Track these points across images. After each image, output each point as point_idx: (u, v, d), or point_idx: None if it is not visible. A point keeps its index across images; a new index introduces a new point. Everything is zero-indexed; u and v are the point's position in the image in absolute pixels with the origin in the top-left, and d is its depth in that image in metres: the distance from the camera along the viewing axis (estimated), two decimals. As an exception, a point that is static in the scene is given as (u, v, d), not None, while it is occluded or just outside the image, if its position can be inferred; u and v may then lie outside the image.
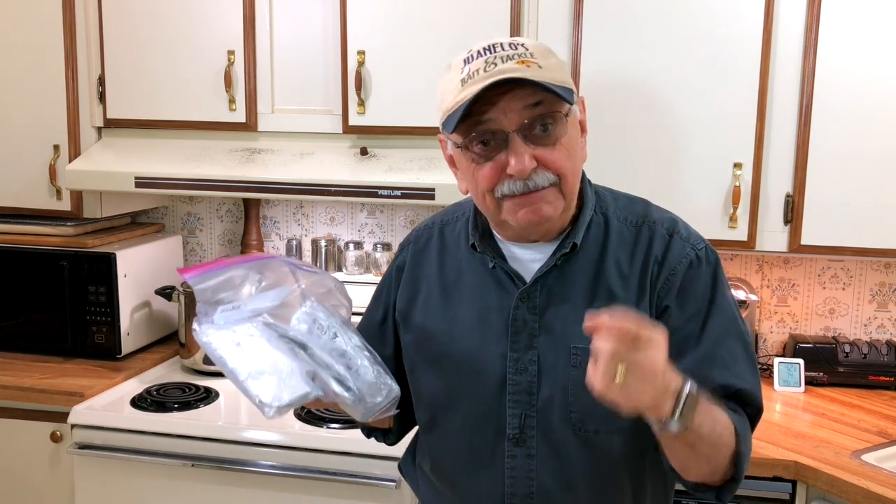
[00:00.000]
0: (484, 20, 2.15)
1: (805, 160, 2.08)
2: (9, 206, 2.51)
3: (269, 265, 1.24)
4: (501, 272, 1.29)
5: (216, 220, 2.83)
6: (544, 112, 1.17)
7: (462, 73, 1.18)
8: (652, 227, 1.29)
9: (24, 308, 2.49)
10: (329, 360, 1.19)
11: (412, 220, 2.66)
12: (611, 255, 1.27)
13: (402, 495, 1.90)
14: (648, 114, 2.13)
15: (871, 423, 2.05)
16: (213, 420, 2.07)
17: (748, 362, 1.25)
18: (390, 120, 2.23)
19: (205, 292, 1.18)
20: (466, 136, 1.19)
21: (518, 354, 1.26)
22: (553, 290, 1.26)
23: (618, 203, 1.33)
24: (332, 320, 1.24)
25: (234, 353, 1.17)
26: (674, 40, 2.08)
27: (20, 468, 2.24)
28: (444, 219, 1.42)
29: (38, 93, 2.42)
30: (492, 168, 1.19)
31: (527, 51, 1.18)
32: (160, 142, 2.40)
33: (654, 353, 1.01)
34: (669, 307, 1.24)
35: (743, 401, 1.23)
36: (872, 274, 2.43)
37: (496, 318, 1.28)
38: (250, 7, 2.29)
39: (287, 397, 1.15)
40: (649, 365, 1.01)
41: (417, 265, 1.40)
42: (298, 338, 1.20)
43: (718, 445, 1.15)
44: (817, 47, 2.03)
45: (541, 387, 1.25)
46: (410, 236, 1.46)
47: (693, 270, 1.25)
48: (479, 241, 1.31)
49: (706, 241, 1.30)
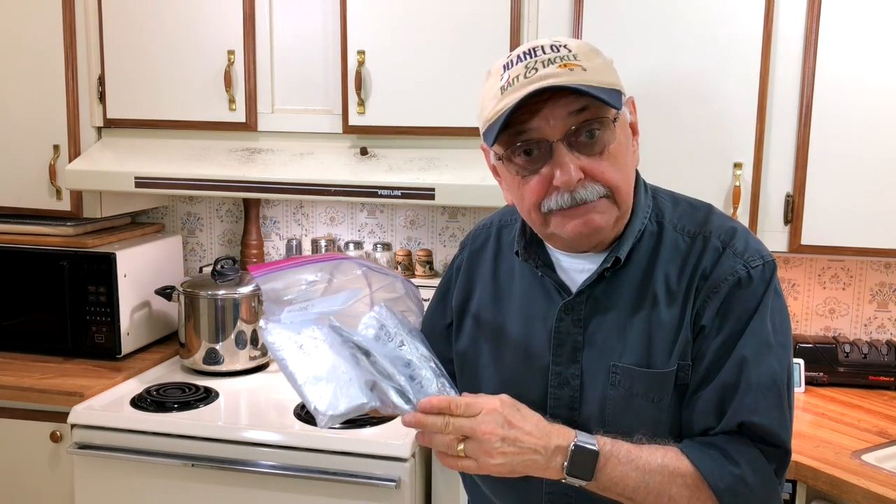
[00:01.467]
0: (484, 20, 2.15)
1: (805, 160, 2.08)
2: (9, 206, 2.51)
3: (340, 266, 1.22)
4: (549, 281, 1.24)
5: (216, 220, 2.83)
6: (590, 118, 1.10)
7: (502, 81, 1.12)
8: (707, 238, 1.19)
9: (24, 308, 2.49)
10: (391, 370, 1.17)
11: (412, 220, 2.66)
12: (660, 267, 1.19)
13: (402, 495, 1.90)
14: (648, 113, 2.11)
15: (871, 423, 2.05)
16: (213, 420, 2.07)
17: (771, 394, 1.13)
18: (390, 120, 2.23)
19: (272, 292, 1.16)
20: (508, 147, 1.13)
21: (560, 368, 1.21)
22: (599, 303, 1.20)
23: (677, 210, 1.24)
24: (400, 327, 1.22)
25: (295, 355, 1.14)
26: (674, 40, 2.08)
27: (20, 468, 2.24)
28: (503, 219, 1.37)
29: (38, 93, 2.42)
30: (538, 182, 1.13)
31: (570, 52, 1.11)
32: (160, 142, 2.40)
33: (479, 419, 1.07)
34: (706, 327, 1.15)
35: (757, 437, 1.13)
36: (872, 274, 2.43)
37: (540, 329, 1.24)
38: (250, 7, 2.29)
39: (343, 406, 1.11)
40: (479, 430, 1.06)
41: (473, 266, 1.36)
42: (363, 344, 1.18)
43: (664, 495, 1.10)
44: (817, 47, 2.03)
45: (583, 402, 1.20)
46: (469, 236, 1.41)
47: (740, 290, 1.15)
48: (525, 248, 1.26)
49: (767, 258, 1.18)
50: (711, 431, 1.15)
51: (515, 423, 1.09)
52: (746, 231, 1.21)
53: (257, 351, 2.43)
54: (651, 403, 1.16)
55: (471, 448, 1.08)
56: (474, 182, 2.10)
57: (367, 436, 1.95)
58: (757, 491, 1.13)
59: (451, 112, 2.18)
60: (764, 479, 1.13)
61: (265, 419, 2.11)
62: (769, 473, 1.13)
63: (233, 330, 2.39)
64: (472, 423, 1.07)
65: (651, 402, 1.16)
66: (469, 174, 2.12)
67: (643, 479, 1.10)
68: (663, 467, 1.11)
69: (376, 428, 1.98)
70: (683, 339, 1.16)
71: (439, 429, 1.08)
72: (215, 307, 2.38)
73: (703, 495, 1.11)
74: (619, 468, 1.10)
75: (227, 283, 2.41)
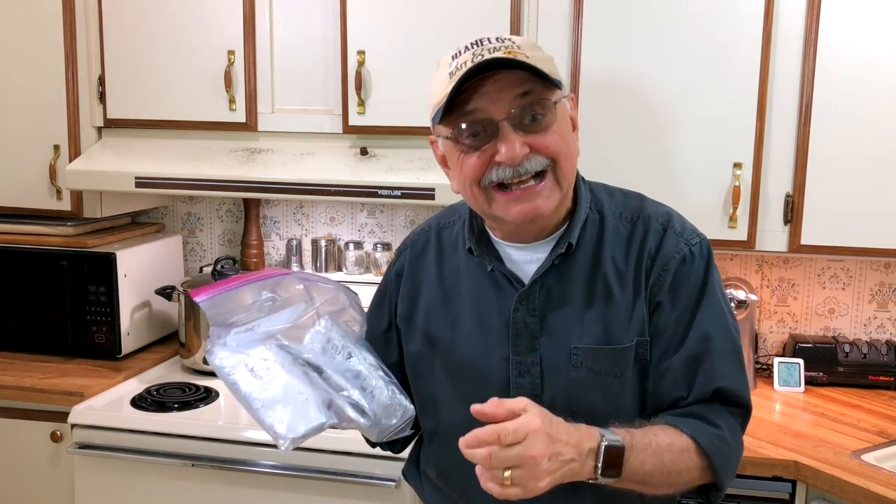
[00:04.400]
0: (484, 20, 2.15)
1: (805, 160, 2.08)
2: (9, 206, 2.51)
3: (282, 283, 1.21)
4: (500, 275, 1.28)
5: (216, 220, 2.83)
6: (534, 101, 1.16)
7: (450, 68, 1.18)
8: (647, 222, 1.27)
9: (24, 308, 2.49)
10: (344, 384, 1.17)
11: (412, 220, 2.66)
12: (607, 252, 1.26)
13: (402, 495, 1.90)
14: (648, 113, 2.13)
15: (871, 423, 2.05)
16: (213, 420, 2.07)
17: (734, 359, 1.24)
18: (390, 120, 2.23)
19: (217, 315, 1.16)
20: (454, 126, 1.18)
21: (520, 357, 1.25)
22: (552, 291, 1.25)
23: (613, 199, 1.31)
24: (347, 339, 1.22)
25: (247, 379, 1.14)
26: (674, 40, 2.08)
27: (20, 468, 2.24)
28: (441, 222, 1.41)
29: (38, 93, 2.42)
30: (479, 157, 1.18)
31: (513, 43, 1.17)
32: (160, 142, 2.40)
33: (527, 444, 1.01)
34: (661, 303, 1.24)
35: (726, 399, 1.23)
36: (872, 274, 2.43)
37: (497, 322, 1.27)
38: (250, 7, 2.29)
39: (302, 429, 1.11)
40: (528, 456, 1.02)
41: (416, 270, 1.38)
42: (312, 360, 1.18)
43: (674, 472, 1.16)
44: (817, 47, 2.03)
45: (544, 388, 1.24)
46: (407, 240, 1.44)
47: (686, 266, 1.24)
48: (476, 244, 1.30)
49: (701, 236, 1.29)
50: (684, 402, 1.23)
51: (555, 437, 1.06)
52: (679, 214, 1.31)
53: (257, 351, 2.43)
54: (615, 379, 1.23)
55: (518, 475, 1.03)
56: (474, 182, 2.10)
57: (367, 436, 1.95)
58: (734, 447, 1.23)
59: (451, 112, 2.18)
60: (736, 436, 1.24)
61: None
62: (739, 429, 1.25)
63: (233, 330, 2.39)
64: (519, 451, 1.02)
65: (615, 378, 1.23)
66: (469, 174, 2.12)
67: (658, 462, 1.14)
68: (671, 445, 1.16)
69: (376, 428, 1.98)
70: (639, 316, 1.23)
71: (482, 462, 1.02)
72: (215, 307, 2.37)
73: (701, 463, 1.18)
74: (639, 456, 1.12)
75: (227, 283, 2.41)
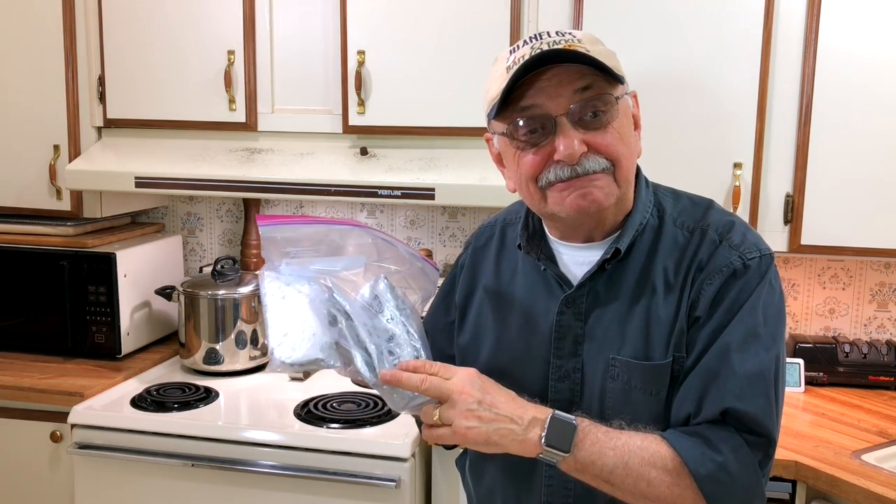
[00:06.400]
0: (484, 20, 2.15)
1: (805, 160, 2.08)
2: (9, 206, 2.51)
3: (352, 233, 1.23)
4: (551, 275, 1.24)
5: (216, 220, 2.83)
6: (594, 96, 1.11)
7: (508, 62, 1.14)
8: (704, 232, 1.18)
9: (24, 308, 2.49)
10: (366, 338, 1.17)
11: (412, 220, 2.66)
12: (660, 261, 1.18)
13: (402, 495, 1.90)
14: (648, 113, 2.11)
15: (871, 423, 2.05)
16: (213, 420, 2.07)
17: (757, 383, 1.10)
18: (390, 120, 2.23)
19: (272, 241, 1.19)
20: (511, 122, 1.14)
21: (561, 361, 1.21)
22: (599, 296, 1.20)
23: (677, 205, 1.24)
24: (396, 303, 1.22)
25: (276, 305, 1.17)
26: (674, 40, 2.08)
27: (20, 468, 2.24)
28: (507, 217, 1.38)
29: (38, 93, 2.42)
30: (536, 154, 1.13)
31: (573, 37, 1.13)
32: (160, 142, 2.40)
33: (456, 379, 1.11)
34: (700, 318, 1.14)
35: (739, 423, 1.10)
36: (872, 274, 2.43)
37: (542, 323, 1.24)
38: (250, 7, 2.29)
39: (297, 356, 1.15)
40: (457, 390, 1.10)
41: (476, 264, 1.37)
42: (347, 308, 1.18)
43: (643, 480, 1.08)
44: (817, 48, 2.03)
45: (583, 396, 1.20)
46: (473, 234, 1.43)
47: (735, 280, 1.14)
48: (528, 241, 1.27)
49: (764, 251, 1.17)
50: (694, 420, 1.13)
51: (490, 390, 1.12)
52: (745, 225, 1.21)
53: (257, 351, 2.43)
54: (650, 396, 1.16)
55: (446, 412, 1.10)
56: (474, 182, 2.10)
57: (367, 436, 1.95)
58: (739, 480, 1.09)
59: (450, 112, 2.18)
60: (747, 468, 1.10)
61: (265, 419, 2.11)
62: (752, 463, 1.10)
63: (233, 330, 2.39)
64: (448, 384, 1.11)
65: (650, 395, 1.16)
66: (469, 174, 2.12)
67: (622, 460, 1.09)
68: (642, 449, 1.09)
69: (376, 428, 1.98)
70: (679, 331, 1.15)
71: (416, 386, 1.11)
72: (215, 307, 2.38)
73: (683, 482, 1.09)
74: (597, 445, 1.09)
75: (227, 283, 2.41)
